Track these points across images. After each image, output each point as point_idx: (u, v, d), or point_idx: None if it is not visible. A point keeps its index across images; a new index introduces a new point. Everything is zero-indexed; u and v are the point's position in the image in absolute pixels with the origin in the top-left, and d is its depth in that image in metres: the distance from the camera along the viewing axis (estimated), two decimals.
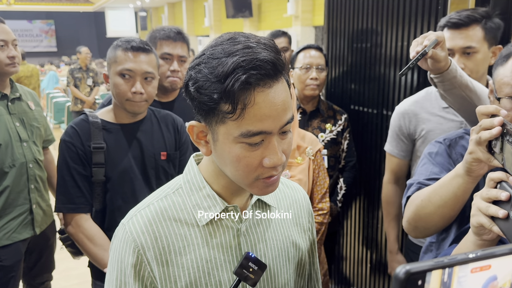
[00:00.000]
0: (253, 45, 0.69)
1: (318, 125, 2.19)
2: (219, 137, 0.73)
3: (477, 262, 0.45)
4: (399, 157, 1.81)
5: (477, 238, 0.83)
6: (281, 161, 0.72)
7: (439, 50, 1.17)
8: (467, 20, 1.48)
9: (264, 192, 0.76)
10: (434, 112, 1.68)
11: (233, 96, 0.67)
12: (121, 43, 1.52)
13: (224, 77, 0.67)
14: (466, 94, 1.25)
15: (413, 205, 1.13)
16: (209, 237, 0.80)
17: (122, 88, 1.50)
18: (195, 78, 0.72)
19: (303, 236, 0.95)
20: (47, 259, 2.20)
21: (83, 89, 6.35)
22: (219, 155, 0.75)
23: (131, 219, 0.80)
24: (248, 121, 0.69)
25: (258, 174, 0.74)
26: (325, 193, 1.77)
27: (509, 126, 0.82)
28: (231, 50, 0.69)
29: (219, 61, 0.68)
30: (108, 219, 1.56)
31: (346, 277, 2.66)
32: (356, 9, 2.33)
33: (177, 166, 1.69)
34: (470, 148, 0.92)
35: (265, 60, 0.68)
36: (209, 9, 9.66)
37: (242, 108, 0.68)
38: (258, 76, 0.67)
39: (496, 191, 0.78)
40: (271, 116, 0.69)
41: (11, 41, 1.87)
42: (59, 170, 1.53)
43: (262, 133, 0.70)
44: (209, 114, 0.72)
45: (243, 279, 0.76)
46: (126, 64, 1.49)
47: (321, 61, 2.14)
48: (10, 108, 1.91)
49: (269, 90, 0.69)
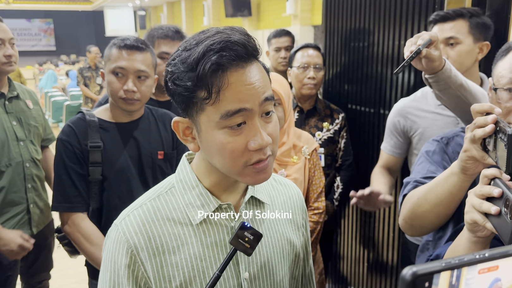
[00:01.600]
0: (222, 30, 0.71)
1: (315, 124, 2.19)
2: (201, 127, 0.73)
3: (485, 263, 0.44)
4: (390, 153, 1.85)
5: (471, 235, 0.84)
6: (267, 142, 0.72)
7: (433, 50, 1.18)
8: (454, 14, 1.57)
9: (257, 180, 0.76)
10: (430, 110, 1.70)
11: (206, 80, 0.68)
12: (116, 42, 1.52)
13: (196, 63, 0.68)
14: (461, 94, 1.26)
15: (409, 203, 1.14)
16: (203, 235, 0.80)
17: (114, 86, 1.51)
18: (171, 72, 0.73)
19: (297, 233, 0.95)
20: (45, 258, 2.20)
21: (93, 88, 6.37)
22: (205, 147, 0.75)
23: (124, 219, 0.80)
24: (225, 102, 0.69)
25: (246, 160, 0.73)
26: (320, 192, 1.77)
27: (502, 124, 0.82)
28: (202, 38, 0.70)
29: (190, 52, 0.70)
30: (105, 218, 1.56)
31: (343, 276, 2.67)
32: (353, 8, 2.33)
33: (174, 166, 1.69)
34: (464, 146, 0.93)
35: (235, 41, 0.69)
36: (208, 8, 9.65)
37: (217, 91, 0.68)
38: (229, 57, 0.68)
39: (489, 187, 0.79)
40: (247, 93, 0.70)
41: (8, 40, 1.86)
42: (56, 169, 1.53)
43: (242, 111, 0.70)
44: (188, 105, 0.73)
45: (239, 249, 0.74)
46: (119, 62, 1.49)
47: (318, 61, 2.15)
48: (7, 107, 1.91)
49: (242, 71, 0.70)
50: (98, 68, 6.42)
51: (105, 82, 1.57)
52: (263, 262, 0.85)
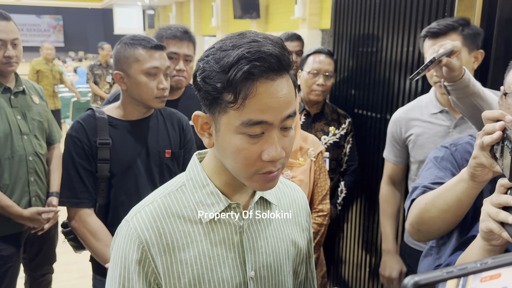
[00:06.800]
0: (259, 39, 0.71)
1: (322, 128, 2.20)
2: (221, 127, 0.74)
3: (488, 271, 0.43)
4: (394, 162, 1.90)
5: (485, 243, 0.84)
6: (280, 155, 0.73)
7: (455, 60, 1.21)
8: (445, 29, 1.56)
9: (264, 188, 0.77)
10: (423, 119, 1.75)
11: (235, 86, 0.69)
12: (138, 42, 1.52)
13: (228, 67, 0.69)
14: (477, 103, 1.28)
15: (417, 208, 1.14)
16: (212, 234, 0.81)
17: (150, 86, 1.52)
18: (203, 68, 0.74)
19: (302, 235, 0.96)
20: (48, 251, 2.22)
21: (103, 86, 6.34)
22: (220, 147, 0.76)
23: (135, 215, 0.81)
24: (249, 110, 0.70)
25: (257, 169, 0.74)
26: (325, 194, 1.77)
27: (509, 131, 0.81)
28: (238, 43, 0.71)
29: (225, 53, 0.71)
30: (111, 215, 1.58)
31: (345, 280, 2.67)
32: (362, 13, 2.33)
33: (181, 165, 1.70)
34: (474, 153, 0.93)
35: (270, 53, 0.70)
36: (216, 9, 9.68)
37: (244, 98, 0.70)
38: (261, 68, 0.69)
39: (507, 197, 0.78)
40: (272, 107, 0.71)
41: (10, 40, 1.86)
42: (64, 164, 1.55)
43: (263, 123, 0.71)
44: (212, 104, 0.74)
45: None
46: (152, 62, 1.51)
47: (329, 68, 2.14)
48: (12, 101, 1.94)
49: (272, 83, 0.71)
50: (108, 66, 6.39)
51: (127, 82, 1.54)
52: (269, 262, 0.86)
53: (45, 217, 1.99)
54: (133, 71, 1.52)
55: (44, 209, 1.99)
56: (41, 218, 1.97)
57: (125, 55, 1.52)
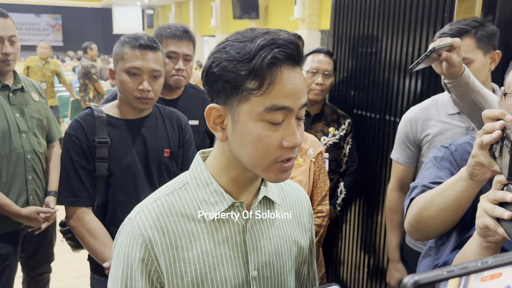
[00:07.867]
0: (272, 31, 0.75)
1: (321, 129, 2.19)
2: (240, 116, 0.75)
3: (488, 270, 0.43)
4: (405, 164, 1.80)
5: (482, 239, 0.84)
6: (300, 142, 0.76)
7: (455, 56, 1.21)
8: (457, 33, 1.51)
9: (279, 179, 0.78)
10: (440, 119, 1.69)
11: (261, 72, 0.71)
12: (128, 40, 1.51)
13: (253, 55, 0.71)
14: (477, 101, 1.28)
15: (416, 207, 1.14)
16: (215, 232, 0.81)
17: (129, 85, 1.51)
18: (220, 58, 0.74)
19: (304, 235, 0.96)
20: (45, 250, 2.21)
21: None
22: (237, 137, 0.76)
23: (138, 213, 0.80)
24: (273, 95, 0.72)
25: (276, 156, 0.75)
26: (325, 195, 1.77)
27: (508, 130, 0.81)
28: (254, 35, 0.74)
29: (244, 44, 0.73)
30: (110, 214, 1.57)
31: (344, 281, 2.67)
32: (362, 14, 2.34)
33: (179, 164, 1.70)
34: (473, 152, 0.93)
35: (290, 41, 0.73)
36: (216, 9, 9.68)
37: (269, 84, 0.72)
38: (286, 54, 0.72)
39: (502, 193, 0.79)
40: (293, 93, 0.74)
41: (7, 37, 1.85)
42: (63, 163, 1.54)
43: (285, 109, 0.73)
44: (232, 93, 0.74)
45: None
46: (133, 62, 1.49)
47: (328, 67, 2.14)
48: (11, 99, 1.93)
49: (293, 70, 0.74)
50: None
51: (114, 80, 1.57)
52: (271, 262, 0.86)
53: (43, 216, 1.98)
54: (118, 69, 1.53)
55: (42, 209, 1.98)
56: (39, 218, 1.97)
57: (115, 52, 1.54)
